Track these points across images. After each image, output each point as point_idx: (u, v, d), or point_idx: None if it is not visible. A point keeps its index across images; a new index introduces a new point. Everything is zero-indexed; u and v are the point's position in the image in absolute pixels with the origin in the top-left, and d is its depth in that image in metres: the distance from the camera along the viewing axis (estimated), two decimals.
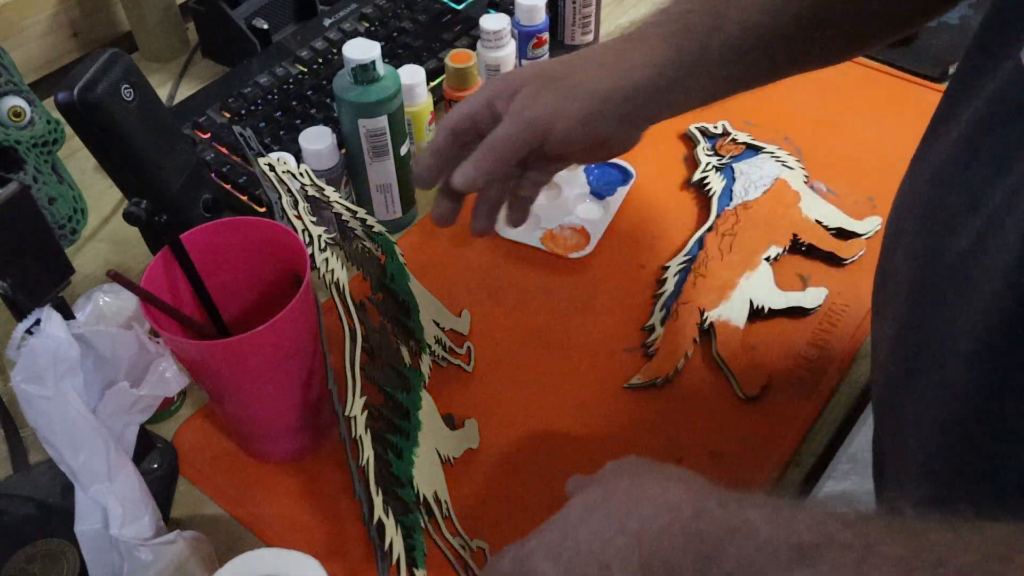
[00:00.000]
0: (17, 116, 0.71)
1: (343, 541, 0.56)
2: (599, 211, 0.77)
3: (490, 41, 0.80)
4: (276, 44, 0.90)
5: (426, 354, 0.64)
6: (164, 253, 0.54)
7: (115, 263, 0.75)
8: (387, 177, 0.72)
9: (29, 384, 0.48)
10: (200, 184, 0.66)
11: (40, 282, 0.50)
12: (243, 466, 0.61)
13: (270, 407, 0.56)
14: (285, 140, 0.79)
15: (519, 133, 0.54)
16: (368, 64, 0.66)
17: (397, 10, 0.94)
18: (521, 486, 0.59)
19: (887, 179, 0.78)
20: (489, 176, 0.55)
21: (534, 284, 0.72)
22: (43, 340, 0.48)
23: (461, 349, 0.67)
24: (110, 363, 0.52)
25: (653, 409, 0.62)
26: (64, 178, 0.75)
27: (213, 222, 0.56)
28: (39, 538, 0.55)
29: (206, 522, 0.58)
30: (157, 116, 0.61)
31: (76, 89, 0.55)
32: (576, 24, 0.89)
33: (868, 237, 0.72)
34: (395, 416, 0.58)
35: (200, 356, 0.52)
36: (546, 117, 0.53)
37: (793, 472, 0.59)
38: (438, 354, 0.65)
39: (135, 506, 0.50)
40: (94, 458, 0.49)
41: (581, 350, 0.67)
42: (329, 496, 0.59)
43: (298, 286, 0.52)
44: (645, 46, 0.53)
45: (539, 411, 0.63)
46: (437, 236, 0.76)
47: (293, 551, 0.45)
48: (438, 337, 0.65)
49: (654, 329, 0.66)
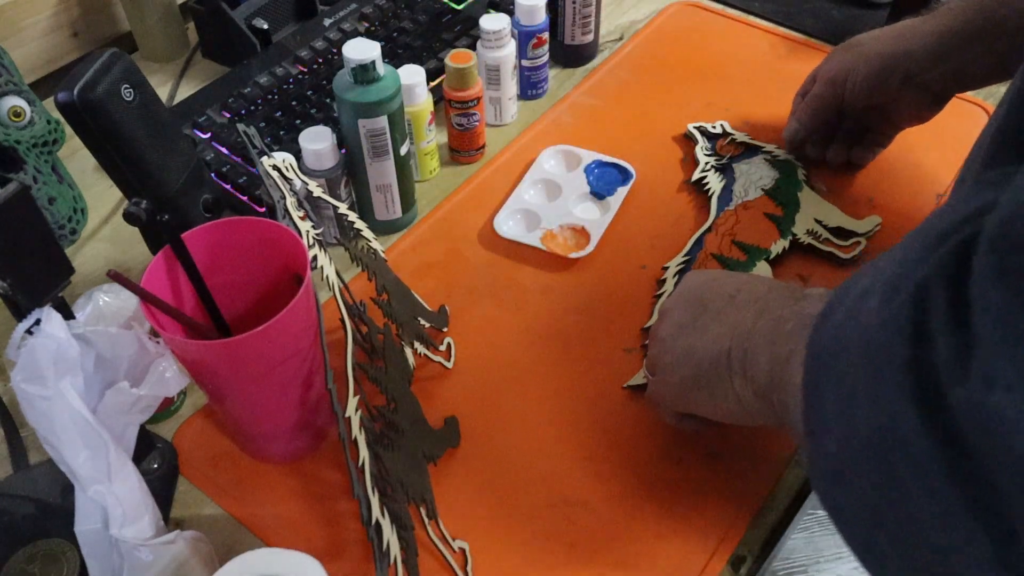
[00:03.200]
0: (17, 116, 0.71)
1: (343, 541, 0.57)
2: (599, 211, 0.77)
3: (490, 41, 0.80)
4: (276, 44, 0.91)
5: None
6: (164, 253, 0.54)
7: (115, 263, 0.75)
8: (387, 177, 0.72)
9: (29, 384, 0.47)
10: (200, 184, 0.66)
11: (40, 282, 0.50)
12: (243, 466, 0.61)
13: (270, 407, 0.56)
14: (285, 140, 0.79)
15: (821, 90, 0.72)
16: (368, 64, 0.66)
17: (397, 10, 0.94)
18: (521, 485, 0.59)
19: (887, 179, 0.79)
20: (808, 128, 0.74)
21: (534, 284, 0.72)
22: (43, 340, 0.48)
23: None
24: (110, 363, 0.52)
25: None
26: (64, 178, 0.75)
27: (213, 222, 0.56)
28: (39, 538, 0.55)
29: (206, 522, 0.58)
30: (157, 116, 0.61)
31: (76, 89, 0.55)
32: (576, 24, 0.89)
33: (868, 237, 0.72)
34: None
35: (200, 356, 0.52)
36: (842, 75, 0.69)
37: (793, 472, 0.59)
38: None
39: (135, 506, 0.50)
40: (94, 458, 0.49)
41: (581, 350, 0.67)
42: (329, 496, 0.59)
43: (298, 286, 0.52)
44: (934, 19, 0.65)
45: (539, 411, 0.63)
46: (437, 236, 0.76)
47: (293, 551, 0.45)
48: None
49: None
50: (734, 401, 0.49)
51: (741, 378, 0.48)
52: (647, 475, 0.59)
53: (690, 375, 0.52)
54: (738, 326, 0.49)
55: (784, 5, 0.99)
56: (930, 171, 0.79)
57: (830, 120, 0.74)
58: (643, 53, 0.93)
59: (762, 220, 0.73)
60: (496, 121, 0.86)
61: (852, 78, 0.69)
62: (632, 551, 0.55)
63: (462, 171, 0.82)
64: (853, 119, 0.75)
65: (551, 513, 0.57)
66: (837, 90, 0.70)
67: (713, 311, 0.52)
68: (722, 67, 0.91)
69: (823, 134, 0.76)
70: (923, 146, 0.80)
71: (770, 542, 0.57)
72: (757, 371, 0.47)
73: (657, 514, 0.57)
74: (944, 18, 0.64)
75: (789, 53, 0.92)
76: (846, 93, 0.70)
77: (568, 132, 0.85)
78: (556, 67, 0.93)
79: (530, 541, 0.56)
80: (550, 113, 0.87)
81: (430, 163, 0.80)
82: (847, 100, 0.70)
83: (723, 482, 0.58)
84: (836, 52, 0.72)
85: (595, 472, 0.59)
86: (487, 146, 0.84)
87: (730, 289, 0.53)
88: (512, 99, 0.86)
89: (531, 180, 0.79)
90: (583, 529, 0.56)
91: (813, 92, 0.73)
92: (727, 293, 0.52)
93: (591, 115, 0.87)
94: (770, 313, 0.48)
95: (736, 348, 0.49)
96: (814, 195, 0.75)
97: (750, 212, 0.74)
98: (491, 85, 0.83)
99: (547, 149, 0.82)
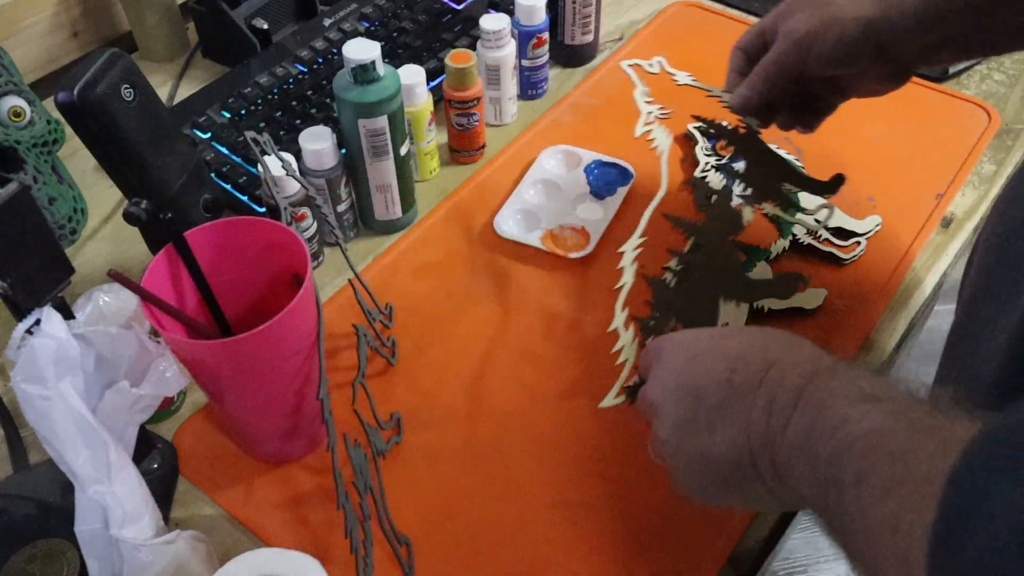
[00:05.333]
0: (17, 116, 0.71)
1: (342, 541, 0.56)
2: (599, 211, 0.77)
3: (490, 41, 0.80)
4: (276, 44, 0.90)
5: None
6: (165, 252, 0.54)
7: (115, 263, 0.75)
8: (387, 177, 0.72)
9: (29, 384, 0.47)
10: (200, 184, 0.66)
11: (40, 282, 0.50)
12: (243, 466, 0.61)
13: (270, 407, 0.56)
14: (285, 140, 0.79)
15: (783, 53, 0.60)
16: (368, 64, 0.66)
17: (397, 10, 0.94)
18: (521, 486, 0.59)
19: (887, 179, 0.79)
20: (762, 96, 0.63)
21: (534, 284, 0.72)
22: (43, 340, 0.48)
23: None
24: (110, 363, 0.52)
25: None
26: (64, 178, 0.75)
27: (213, 222, 0.56)
28: (39, 538, 0.55)
29: (206, 522, 0.58)
30: (157, 116, 0.61)
31: (76, 89, 0.55)
32: (576, 24, 0.89)
33: (868, 237, 0.72)
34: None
35: (200, 356, 0.52)
36: (809, 38, 0.58)
37: None
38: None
39: (135, 506, 0.50)
40: (94, 458, 0.49)
41: (580, 350, 0.67)
42: (329, 496, 0.59)
43: (298, 286, 0.52)
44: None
45: (539, 411, 0.63)
46: (437, 236, 0.76)
47: (293, 551, 0.45)
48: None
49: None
50: (772, 499, 0.45)
51: (776, 483, 0.43)
52: (647, 475, 0.59)
53: (713, 482, 0.46)
54: (751, 427, 0.43)
55: None
56: (930, 171, 0.79)
57: (785, 87, 0.63)
58: (643, 53, 0.93)
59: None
60: (496, 121, 0.86)
61: (820, 43, 0.58)
62: (632, 551, 0.55)
63: (462, 171, 0.82)
64: (802, 84, 0.64)
65: (552, 514, 0.57)
66: (800, 54, 0.60)
67: (713, 404, 0.45)
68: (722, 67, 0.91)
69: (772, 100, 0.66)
70: (923, 146, 0.80)
71: (770, 542, 0.56)
72: (796, 480, 0.41)
73: (657, 514, 0.57)
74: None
75: None
76: (810, 59, 0.59)
77: (568, 132, 0.85)
78: (556, 67, 0.93)
79: (530, 541, 0.56)
80: (550, 113, 0.87)
81: (430, 163, 0.80)
82: (808, 66, 0.60)
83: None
84: (799, 6, 0.60)
85: (595, 472, 0.59)
86: (487, 146, 0.84)
87: (722, 370, 0.46)
88: (512, 99, 0.86)
89: (531, 180, 0.79)
90: (583, 529, 0.56)
91: (772, 56, 0.61)
92: (722, 377, 0.45)
93: (591, 115, 0.87)
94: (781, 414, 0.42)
95: (760, 457, 0.43)
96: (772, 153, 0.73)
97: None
98: (491, 85, 0.83)
99: (547, 149, 0.82)
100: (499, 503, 0.58)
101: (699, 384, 0.46)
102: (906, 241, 0.73)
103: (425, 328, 0.69)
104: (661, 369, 0.50)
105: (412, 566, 0.55)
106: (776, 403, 0.42)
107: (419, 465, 0.60)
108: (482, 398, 0.64)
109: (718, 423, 0.45)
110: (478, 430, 0.62)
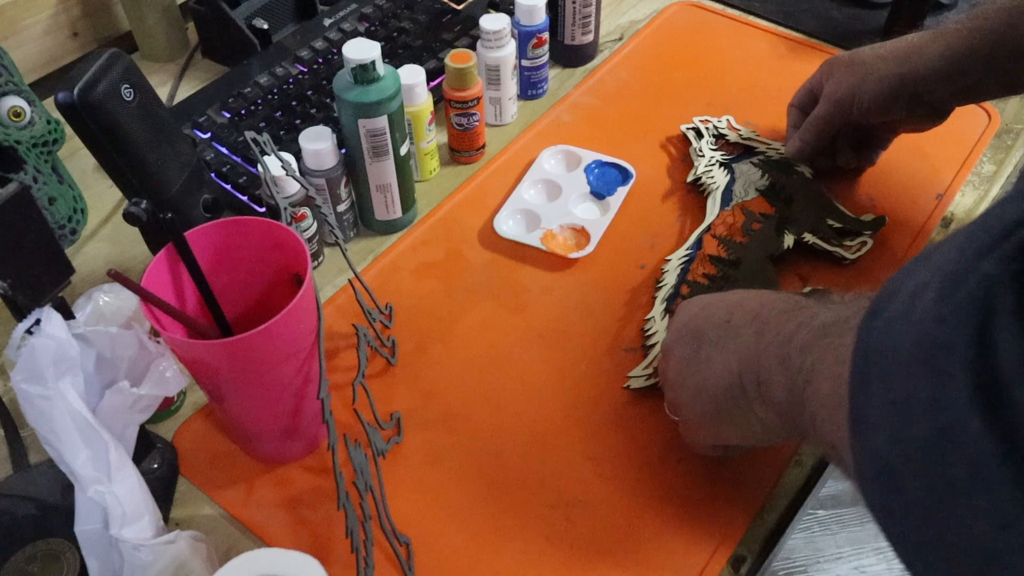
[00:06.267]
0: (17, 116, 0.71)
1: (342, 541, 0.56)
2: (599, 211, 0.77)
3: (490, 41, 0.80)
4: (276, 44, 0.91)
5: None
6: (165, 252, 0.54)
7: (115, 263, 0.75)
8: (387, 177, 0.72)
9: (29, 384, 0.47)
10: (200, 184, 0.66)
11: (40, 282, 0.50)
12: (243, 466, 0.61)
13: (270, 407, 0.56)
14: (285, 140, 0.79)
15: (828, 111, 0.71)
16: (368, 64, 0.66)
17: (397, 10, 0.94)
18: (521, 485, 0.59)
19: (887, 179, 0.79)
20: (813, 147, 0.74)
21: (534, 284, 0.72)
22: (43, 340, 0.48)
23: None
24: (110, 363, 0.52)
25: (652, 409, 0.62)
26: (64, 178, 0.75)
27: (213, 222, 0.56)
28: (39, 538, 0.55)
29: (206, 522, 0.58)
30: (157, 116, 0.61)
31: (76, 89, 0.55)
32: (576, 24, 0.89)
33: (873, 234, 0.72)
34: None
35: (200, 356, 0.52)
36: (848, 98, 0.69)
37: (793, 472, 0.59)
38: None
39: (135, 506, 0.50)
40: (94, 458, 0.49)
41: (581, 350, 0.67)
42: (329, 496, 0.59)
43: (298, 286, 0.52)
44: (939, 40, 0.64)
45: (539, 411, 0.63)
46: (437, 236, 0.76)
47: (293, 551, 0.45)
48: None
49: (654, 322, 0.67)
50: (760, 426, 0.49)
51: (760, 403, 0.48)
52: (647, 475, 0.59)
53: (709, 411, 0.51)
54: (741, 351, 0.49)
55: (784, 5, 0.99)
56: (930, 171, 0.79)
57: (834, 135, 0.74)
58: (643, 53, 0.93)
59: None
60: (496, 121, 0.86)
61: (859, 98, 0.68)
62: (632, 551, 0.55)
63: (462, 171, 0.82)
64: (855, 127, 0.74)
65: (551, 513, 0.57)
66: (844, 110, 0.70)
67: (712, 340, 0.51)
68: (722, 67, 0.91)
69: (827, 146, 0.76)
70: (923, 146, 0.80)
71: (770, 542, 0.57)
72: (775, 394, 0.46)
73: (657, 514, 0.57)
74: (951, 39, 0.64)
75: (789, 53, 0.92)
76: (854, 112, 0.69)
77: (568, 132, 0.85)
78: (556, 67, 0.93)
79: (530, 541, 0.56)
80: (550, 113, 0.87)
81: (430, 163, 0.80)
82: (854, 118, 0.70)
83: (723, 482, 0.58)
84: (837, 69, 0.71)
85: (595, 472, 0.59)
86: (487, 146, 0.84)
87: (723, 314, 0.52)
88: (512, 99, 0.86)
89: (531, 180, 0.79)
90: (583, 529, 0.56)
91: (819, 113, 0.72)
92: (721, 319, 0.52)
93: (591, 115, 0.87)
94: (770, 332, 0.47)
95: (747, 375, 0.48)
96: (822, 194, 0.75)
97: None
98: (491, 85, 0.83)
99: (547, 149, 0.82)
100: (499, 503, 0.58)
101: (701, 327, 0.53)
102: (906, 241, 0.73)
103: (425, 328, 0.69)
104: (675, 322, 0.56)
105: (412, 566, 0.55)
106: (766, 326, 0.48)
107: (419, 465, 0.60)
108: (482, 398, 0.64)
109: (714, 355, 0.51)
110: (478, 430, 0.62)
